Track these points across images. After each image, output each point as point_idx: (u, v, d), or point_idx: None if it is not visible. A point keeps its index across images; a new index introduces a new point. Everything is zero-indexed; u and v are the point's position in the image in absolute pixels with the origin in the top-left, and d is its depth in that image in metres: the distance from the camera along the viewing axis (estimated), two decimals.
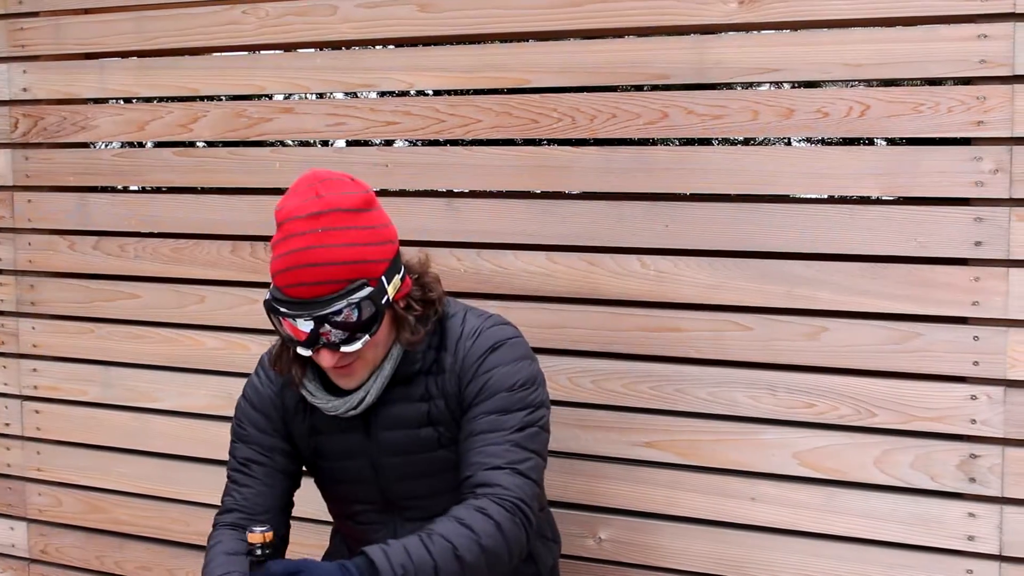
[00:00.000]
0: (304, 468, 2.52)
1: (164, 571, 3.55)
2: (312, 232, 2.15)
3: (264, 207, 3.26)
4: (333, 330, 2.17)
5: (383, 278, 2.19)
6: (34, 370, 3.67)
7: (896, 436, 2.59)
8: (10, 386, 3.72)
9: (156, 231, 3.45)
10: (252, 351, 3.30)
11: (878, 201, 2.65)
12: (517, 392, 2.29)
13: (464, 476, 2.26)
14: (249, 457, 2.46)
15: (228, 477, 2.49)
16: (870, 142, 2.62)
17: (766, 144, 2.77)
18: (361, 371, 2.28)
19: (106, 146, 3.70)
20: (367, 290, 2.16)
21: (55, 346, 3.64)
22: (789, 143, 2.83)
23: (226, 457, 3.30)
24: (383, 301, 2.19)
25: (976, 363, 2.51)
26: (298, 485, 2.51)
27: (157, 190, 3.58)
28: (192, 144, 3.43)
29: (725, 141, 3.13)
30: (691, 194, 2.74)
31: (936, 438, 2.57)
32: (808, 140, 2.86)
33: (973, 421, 2.52)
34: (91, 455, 3.62)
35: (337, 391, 2.34)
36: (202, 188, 3.40)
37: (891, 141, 2.62)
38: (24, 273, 3.66)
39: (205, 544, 3.39)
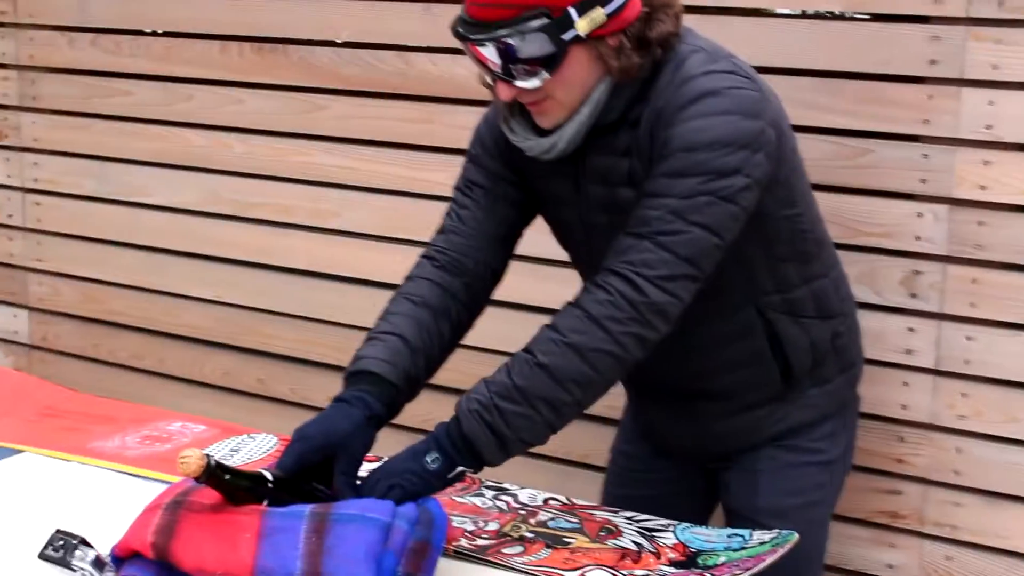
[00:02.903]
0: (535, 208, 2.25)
1: (155, 360, 3.70)
2: None
3: (251, 8, 3.31)
4: (510, 60, 1.91)
5: (572, 9, 1.89)
6: (35, 163, 3.79)
7: (843, 251, 2.61)
8: (13, 178, 3.84)
9: (149, 29, 3.52)
10: (236, 150, 3.39)
11: (841, 17, 2.66)
12: (699, 152, 1.91)
13: (613, 242, 1.97)
14: (474, 180, 2.19)
15: (452, 199, 2.22)
16: None
17: None
18: (555, 111, 2.00)
19: None
20: (541, 21, 1.88)
21: (54, 140, 3.74)
22: None
23: (210, 251, 3.45)
24: (566, 36, 1.90)
25: (924, 180, 2.54)
26: (525, 222, 2.23)
27: None
28: None
29: None
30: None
31: (881, 253, 2.62)
32: None
33: (917, 238, 2.56)
34: (87, 247, 3.75)
35: (544, 131, 2.05)
36: None
37: None
38: (26, 68, 3.75)
39: (193, 336, 3.56)
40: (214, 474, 1.71)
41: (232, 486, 1.75)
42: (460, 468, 1.91)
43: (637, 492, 2.38)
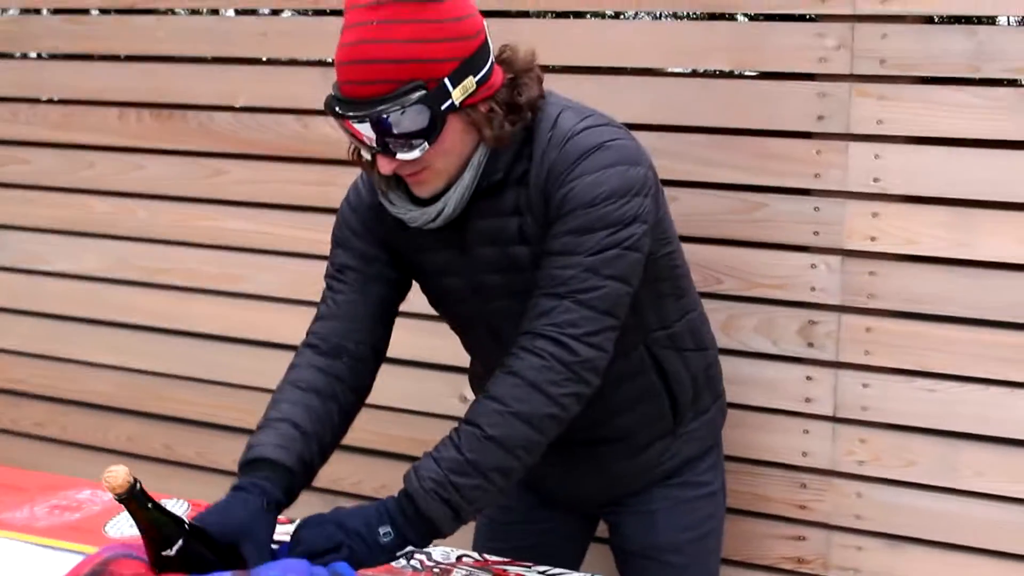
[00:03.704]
0: (411, 279, 2.29)
1: (58, 427, 3.66)
2: (367, 24, 1.92)
3: (150, 74, 3.32)
4: (387, 135, 1.95)
5: (447, 80, 1.93)
6: None
7: (740, 302, 2.70)
8: None
9: (45, 97, 3.50)
10: (140, 216, 3.39)
11: (731, 75, 2.73)
12: (600, 207, 1.98)
13: (529, 304, 2.02)
14: (346, 263, 2.21)
15: (326, 285, 2.24)
16: (730, 17, 2.70)
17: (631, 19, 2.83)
18: (432, 180, 2.03)
19: (3, 12, 3.72)
20: (419, 93, 1.91)
21: None
22: (659, 17, 2.89)
23: (115, 318, 3.43)
24: (443, 106, 1.94)
25: (816, 233, 2.61)
26: (401, 297, 2.27)
27: (49, 57, 3.62)
28: (86, 11, 3.46)
29: (595, 15, 3.19)
30: (555, 67, 2.80)
31: (778, 304, 2.67)
32: (674, 15, 2.91)
33: (813, 289, 2.63)
34: None
35: (424, 201, 2.09)
36: (90, 55, 3.45)
37: (749, 16, 2.70)
38: None
39: (96, 403, 3.53)
40: (136, 497, 1.71)
41: (150, 516, 1.75)
42: (410, 548, 1.97)
43: (511, 544, 2.41)
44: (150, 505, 1.75)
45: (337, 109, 1.96)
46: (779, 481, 2.70)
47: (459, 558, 2.19)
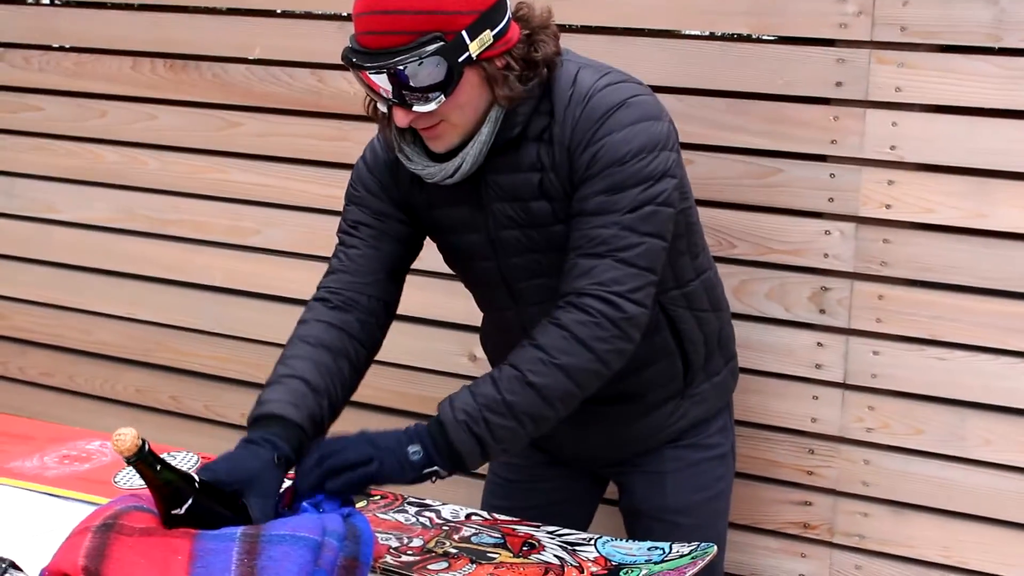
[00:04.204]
0: (425, 237, 2.31)
1: (65, 377, 3.67)
2: None
3: (164, 23, 3.30)
4: (404, 87, 1.96)
5: (464, 32, 1.94)
6: None
7: (753, 267, 2.70)
8: None
9: (58, 44, 3.49)
10: (150, 166, 3.38)
11: (749, 39, 2.72)
12: (630, 164, 2.01)
13: (567, 265, 2.05)
14: (359, 220, 2.22)
15: (338, 240, 2.27)
16: None
17: None
18: (449, 134, 2.05)
19: None
20: (437, 44, 1.92)
21: None
22: None
23: (123, 268, 3.43)
24: (461, 58, 1.95)
25: (831, 199, 2.60)
26: (413, 255, 2.29)
27: (63, 3, 3.60)
28: None
29: None
30: (574, 25, 2.79)
31: (791, 270, 2.68)
32: None
33: (826, 255, 2.63)
34: None
35: (440, 157, 2.10)
36: (104, 3, 3.44)
37: None
38: None
39: (104, 353, 3.54)
40: (145, 459, 1.73)
41: (160, 477, 1.76)
42: (435, 468, 1.98)
43: (519, 504, 2.42)
44: (159, 467, 1.76)
45: (354, 60, 1.97)
46: (788, 446, 2.72)
47: (468, 516, 2.20)
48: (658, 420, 2.34)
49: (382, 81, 1.96)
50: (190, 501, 1.78)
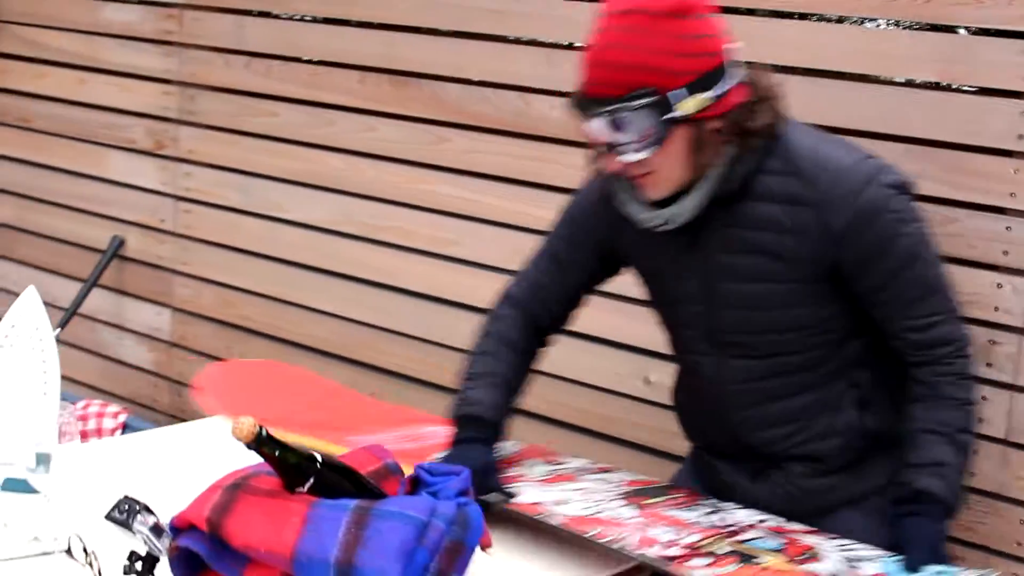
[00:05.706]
0: (618, 272, 2.50)
1: None
2: (613, 30, 2.08)
3: (394, 42, 3.51)
4: (616, 136, 2.10)
5: (679, 91, 2.06)
6: (187, 174, 4.05)
7: None
8: (167, 186, 4.11)
9: (298, 56, 3.74)
10: (367, 175, 3.59)
11: (937, 86, 2.71)
12: (907, 236, 2.21)
13: (908, 336, 2.23)
14: (561, 237, 2.46)
15: (540, 247, 2.49)
16: (933, 28, 2.67)
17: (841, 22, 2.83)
18: (660, 185, 2.16)
19: None
20: (649, 99, 2.05)
21: (206, 153, 4.00)
22: (862, 23, 2.88)
23: (338, 268, 3.64)
24: (671, 115, 2.07)
25: (1006, 252, 2.57)
26: (595, 285, 2.51)
27: (303, 19, 3.85)
28: None
29: (802, 16, 3.19)
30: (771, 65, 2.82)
31: None
32: (895, 23, 2.90)
33: (996, 309, 2.59)
34: (229, 255, 3.99)
35: (657, 204, 2.21)
36: (346, 20, 3.66)
37: (949, 28, 2.66)
38: (187, 84, 4.01)
39: (314, 347, 3.74)
40: (264, 443, 1.83)
41: (282, 458, 1.86)
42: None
43: None
44: (278, 451, 1.85)
45: (577, 106, 2.14)
46: None
47: (761, 521, 2.26)
48: (830, 483, 2.39)
49: (598, 127, 2.11)
50: (312, 480, 1.90)
